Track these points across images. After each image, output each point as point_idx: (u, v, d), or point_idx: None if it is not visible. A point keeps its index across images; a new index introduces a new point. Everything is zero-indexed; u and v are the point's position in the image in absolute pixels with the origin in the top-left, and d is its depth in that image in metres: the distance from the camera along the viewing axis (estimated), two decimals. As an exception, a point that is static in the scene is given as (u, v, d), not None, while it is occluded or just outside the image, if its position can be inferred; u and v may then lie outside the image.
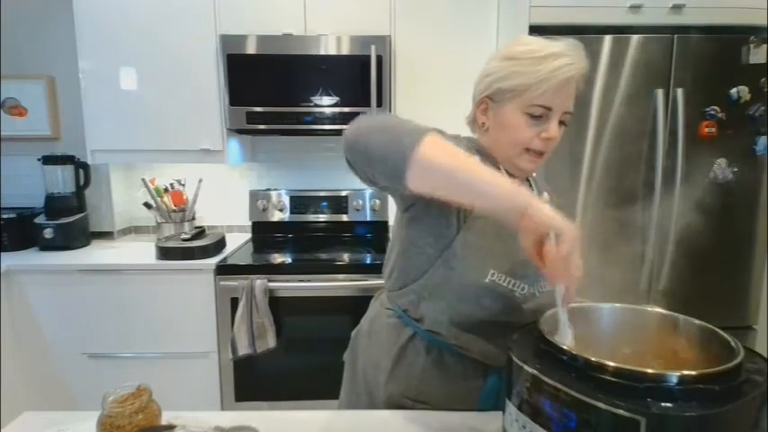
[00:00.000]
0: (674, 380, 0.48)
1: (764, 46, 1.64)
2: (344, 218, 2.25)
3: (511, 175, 0.83)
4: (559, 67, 0.73)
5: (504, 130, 0.80)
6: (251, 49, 1.82)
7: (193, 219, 2.17)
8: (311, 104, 1.85)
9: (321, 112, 1.86)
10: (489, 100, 0.81)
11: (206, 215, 2.28)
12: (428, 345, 0.81)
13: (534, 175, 0.93)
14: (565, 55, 0.74)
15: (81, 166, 2.04)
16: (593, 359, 0.52)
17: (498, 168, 0.82)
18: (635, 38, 1.66)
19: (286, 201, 2.24)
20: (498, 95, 0.79)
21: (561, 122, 0.78)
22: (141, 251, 1.92)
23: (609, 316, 0.71)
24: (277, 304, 1.71)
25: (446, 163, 0.62)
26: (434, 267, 0.78)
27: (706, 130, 1.68)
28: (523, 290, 0.75)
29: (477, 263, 0.75)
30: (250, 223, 2.27)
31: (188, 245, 1.80)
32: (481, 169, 0.63)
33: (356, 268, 1.75)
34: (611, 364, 0.50)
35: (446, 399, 0.79)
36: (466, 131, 0.89)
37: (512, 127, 0.78)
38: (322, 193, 2.25)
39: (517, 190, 0.62)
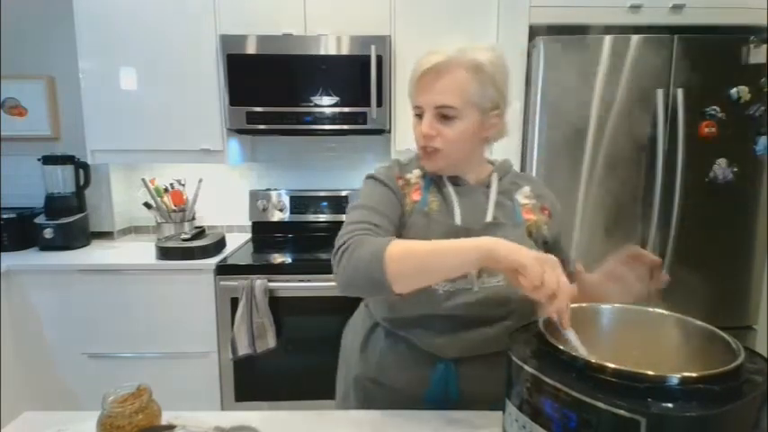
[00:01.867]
0: (674, 381, 0.48)
1: (764, 46, 1.64)
2: (344, 218, 2.23)
3: (468, 182, 0.88)
4: (416, 66, 0.81)
5: None
6: (251, 49, 1.82)
7: (193, 219, 2.17)
8: (311, 104, 1.85)
9: (321, 112, 1.86)
10: None
11: (206, 215, 2.28)
12: (386, 332, 0.89)
13: (519, 171, 0.96)
14: (425, 55, 0.80)
15: (81, 166, 2.04)
16: (592, 361, 0.52)
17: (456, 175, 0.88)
18: (635, 38, 1.66)
19: (286, 201, 2.23)
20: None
21: (446, 117, 0.80)
22: (141, 251, 1.92)
23: (609, 316, 0.71)
24: (277, 304, 1.71)
25: (410, 266, 0.70)
26: None
27: (706, 130, 1.68)
28: (445, 287, 0.80)
29: None
30: (250, 223, 2.27)
31: (188, 245, 1.80)
32: (440, 248, 0.69)
33: (356, 268, 1.75)
34: (611, 365, 0.50)
35: (401, 382, 0.85)
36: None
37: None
38: (322, 193, 2.25)
39: (477, 244, 0.67)
